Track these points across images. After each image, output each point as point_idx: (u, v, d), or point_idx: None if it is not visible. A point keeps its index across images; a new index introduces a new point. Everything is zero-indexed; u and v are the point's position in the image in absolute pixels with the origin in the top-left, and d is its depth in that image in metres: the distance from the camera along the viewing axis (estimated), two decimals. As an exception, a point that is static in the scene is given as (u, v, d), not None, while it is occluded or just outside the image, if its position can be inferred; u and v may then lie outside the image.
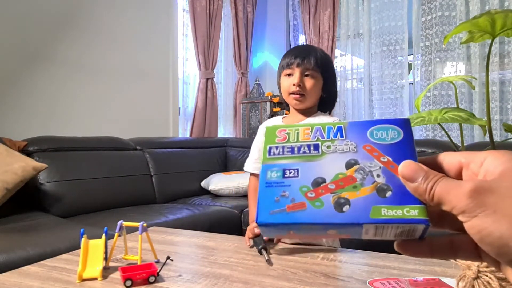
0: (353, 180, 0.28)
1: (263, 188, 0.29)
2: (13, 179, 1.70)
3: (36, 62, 2.34)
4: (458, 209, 0.23)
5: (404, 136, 0.29)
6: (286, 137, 0.31)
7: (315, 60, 1.13)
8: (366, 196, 0.27)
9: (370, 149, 0.29)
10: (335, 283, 0.75)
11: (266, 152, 0.31)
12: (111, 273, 0.81)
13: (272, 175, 0.29)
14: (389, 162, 0.28)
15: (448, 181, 0.24)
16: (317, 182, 0.28)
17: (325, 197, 0.27)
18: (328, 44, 3.70)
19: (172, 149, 2.82)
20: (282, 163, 0.30)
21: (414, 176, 0.26)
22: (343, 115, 3.77)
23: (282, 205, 0.28)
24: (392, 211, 0.26)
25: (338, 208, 0.27)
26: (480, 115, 2.89)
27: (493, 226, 0.21)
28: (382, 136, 0.29)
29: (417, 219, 0.25)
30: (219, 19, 3.57)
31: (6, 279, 0.78)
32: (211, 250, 1.00)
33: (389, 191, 0.27)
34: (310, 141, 0.31)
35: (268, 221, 0.27)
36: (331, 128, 0.31)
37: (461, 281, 0.56)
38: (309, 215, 0.27)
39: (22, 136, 2.11)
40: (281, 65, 1.19)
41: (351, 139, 0.30)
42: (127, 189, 2.33)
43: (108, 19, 2.76)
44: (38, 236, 1.46)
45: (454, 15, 3.13)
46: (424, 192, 0.25)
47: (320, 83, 1.16)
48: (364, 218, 0.26)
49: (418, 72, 3.37)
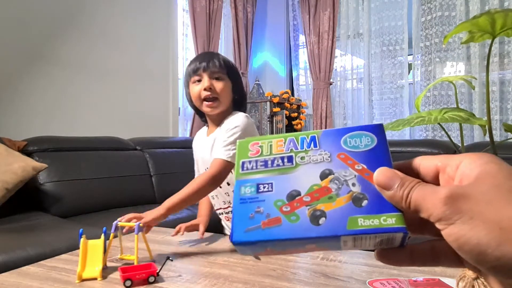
0: (328, 190, 0.27)
1: (237, 204, 0.28)
2: (13, 179, 1.70)
3: (36, 62, 2.34)
4: (434, 217, 0.22)
5: (378, 143, 0.28)
6: (259, 150, 0.30)
7: (219, 62, 1.12)
8: (342, 207, 0.26)
9: (344, 158, 0.28)
10: (335, 283, 0.74)
11: (239, 167, 0.30)
12: (111, 273, 0.81)
13: (246, 191, 0.28)
14: (363, 170, 0.27)
15: (424, 187, 0.24)
16: (292, 195, 0.27)
17: (300, 210, 0.27)
18: (328, 44, 3.70)
19: (172, 149, 2.82)
20: (256, 178, 0.29)
21: (390, 183, 0.25)
22: (343, 115, 3.78)
23: (257, 221, 0.27)
24: (369, 221, 0.25)
25: (314, 221, 0.26)
26: (480, 115, 2.89)
27: (470, 233, 0.21)
28: (355, 143, 0.29)
29: (394, 227, 0.25)
30: (219, 19, 3.57)
31: (5, 279, 0.77)
32: (211, 250, 1.00)
33: (365, 200, 0.26)
34: (284, 153, 0.30)
35: (243, 239, 0.26)
36: (305, 138, 0.30)
37: (461, 281, 0.56)
38: (285, 230, 0.26)
39: (22, 136, 2.11)
40: (187, 74, 1.16)
41: (325, 149, 0.29)
42: (127, 189, 2.33)
43: (108, 20, 2.76)
44: (37, 236, 1.46)
45: (454, 15, 3.13)
46: (401, 199, 0.24)
47: (229, 84, 1.14)
48: (341, 230, 0.25)
49: (418, 72, 3.37)
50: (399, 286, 0.71)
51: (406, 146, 2.54)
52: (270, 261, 0.88)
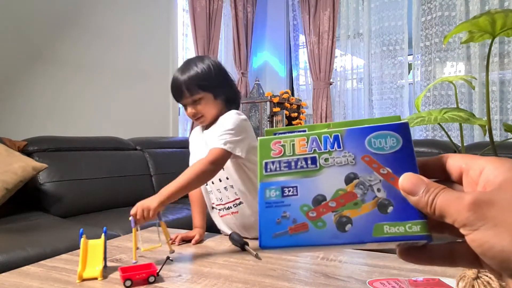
0: (353, 196, 0.27)
1: (263, 208, 0.28)
2: (13, 179, 1.70)
3: (36, 62, 2.34)
4: (459, 223, 0.23)
5: (403, 144, 0.28)
6: (281, 150, 0.30)
7: (186, 88, 1.11)
8: (368, 214, 0.27)
9: (369, 161, 0.28)
10: (335, 283, 0.74)
11: (263, 169, 0.30)
12: (111, 273, 0.81)
13: (271, 194, 0.29)
14: (389, 174, 0.27)
15: (448, 193, 0.24)
16: (318, 200, 0.28)
17: (326, 216, 0.27)
18: (328, 44, 3.70)
19: (172, 149, 2.82)
20: (280, 181, 0.29)
21: (415, 189, 0.25)
22: (343, 115, 3.78)
23: (284, 227, 0.27)
24: (394, 228, 0.26)
25: (341, 228, 0.26)
26: (480, 115, 2.89)
27: (494, 239, 0.21)
28: (380, 145, 0.28)
29: (418, 235, 0.25)
30: (219, 19, 3.57)
31: (6, 279, 0.78)
32: (211, 250, 1.00)
33: (391, 206, 0.26)
34: (307, 154, 0.29)
35: (271, 244, 0.27)
36: (328, 138, 0.29)
37: (461, 281, 0.56)
38: (312, 237, 0.27)
39: (22, 136, 2.11)
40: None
41: (349, 150, 0.29)
42: (127, 189, 2.33)
43: (108, 19, 2.76)
44: (38, 236, 1.46)
45: (454, 15, 3.13)
46: (426, 205, 0.25)
47: (209, 97, 1.14)
48: (367, 238, 0.26)
49: (418, 72, 3.37)
50: (399, 286, 0.71)
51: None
52: (270, 261, 0.88)
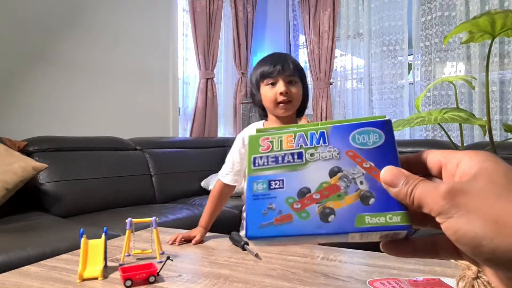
0: (337, 188, 0.28)
1: (250, 200, 0.30)
2: (13, 179, 1.70)
3: (36, 62, 2.34)
4: (435, 211, 0.24)
5: (386, 139, 0.29)
6: (269, 146, 0.31)
7: (293, 65, 1.11)
8: (351, 205, 0.28)
9: (353, 155, 0.29)
10: (335, 283, 0.75)
11: (251, 163, 0.31)
12: (111, 273, 0.81)
13: (258, 187, 0.30)
14: (371, 168, 0.28)
15: (426, 184, 0.25)
16: (303, 193, 0.29)
17: (310, 207, 0.28)
18: (328, 44, 3.70)
19: (172, 149, 2.82)
20: (267, 174, 0.30)
21: (395, 181, 0.26)
22: (343, 115, 3.78)
23: (269, 218, 0.28)
24: (375, 219, 0.27)
25: (324, 219, 0.27)
26: (480, 115, 2.89)
27: (467, 226, 0.22)
28: (364, 140, 0.30)
29: (399, 225, 0.26)
30: (219, 19, 3.57)
31: (6, 279, 0.78)
32: (211, 250, 1.00)
33: (372, 198, 0.28)
34: (294, 149, 0.31)
35: (257, 234, 0.28)
36: (314, 134, 0.31)
37: (461, 281, 0.56)
38: (296, 227, 0.28)
39: (22, 136, 2.11)
40: (259, 75, 1.13)
41: (334, 145, 0.30)
42: (127, 189, 2.33)
43: (108, 19, 2.76)
44: (38, 236, 1.46)
45: (454, 15, 3.13)
46: (405, 196, 0.26)
47: (301, 88, 1.15)
48: (349, 228, 0.27)
49: (418, 72, 3.36)
50: (399, 286, 0.71)
51: (406, 146, 2.54)
52: (270, 261, 0.88)
